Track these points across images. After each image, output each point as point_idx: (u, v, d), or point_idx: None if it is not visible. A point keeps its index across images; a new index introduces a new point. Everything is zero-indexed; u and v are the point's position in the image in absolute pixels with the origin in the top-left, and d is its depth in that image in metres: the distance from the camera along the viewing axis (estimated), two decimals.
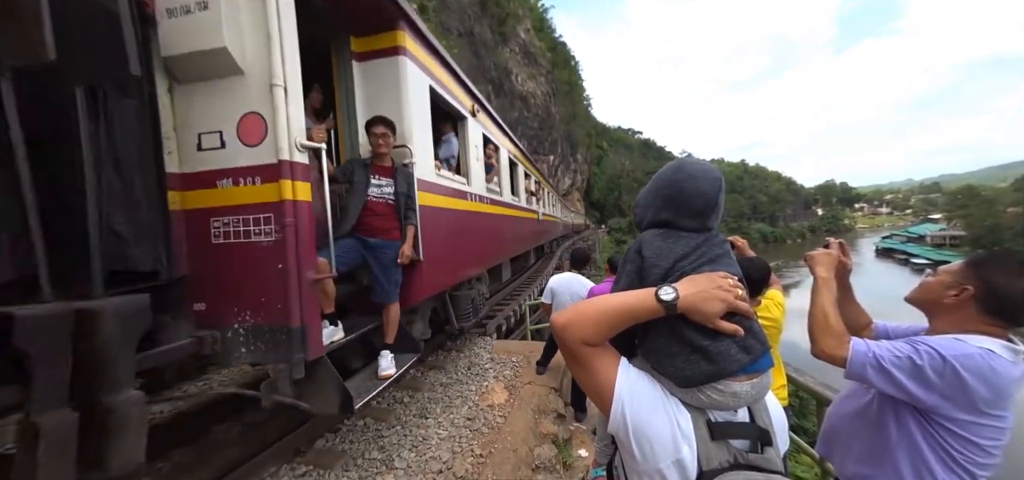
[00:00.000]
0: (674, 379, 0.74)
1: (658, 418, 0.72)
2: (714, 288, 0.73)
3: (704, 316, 0.72)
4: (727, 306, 0.72)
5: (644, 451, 0.72)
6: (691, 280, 0.76)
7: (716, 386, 0.72)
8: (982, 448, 1.07)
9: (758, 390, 0.75)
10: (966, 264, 1.15)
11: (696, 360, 0.72)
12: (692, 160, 0.88)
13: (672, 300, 0.72)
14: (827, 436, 1.48)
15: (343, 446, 2.86)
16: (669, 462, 0.70)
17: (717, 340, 0.72)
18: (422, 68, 3.21)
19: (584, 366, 0.79)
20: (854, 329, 1.43)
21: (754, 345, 0.74)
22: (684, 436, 0.71)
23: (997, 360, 1.02)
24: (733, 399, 0.72)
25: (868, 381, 1.18)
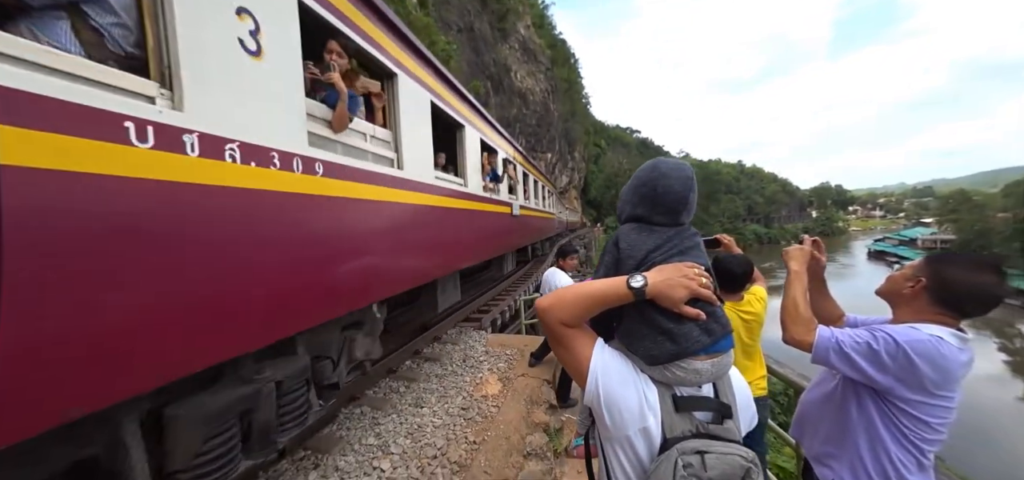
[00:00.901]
0: (643, 358, 0.83)
1: (628, 391, 0.81)
2: (680, 277, 0.81)
3: (670, 301, 0.80)
4: (691, 293, 0.80)
5: (614, 419, 0.80)
6: (659, 269, 0.84)
7: (680, 364, 0.80)
8: (930, 426, 1.17)
9: (718, 368, 0.83)
10: (924, 260, 1.26)
11: (662, 341, 0.80)
12: (666, 160, 0.96)
13: (641, 287, 0.80)
14: (798, 420, 1.58)
15: (341, 432, 2.95)
16: (636, 430, 0.79)
17: (681, 323, 0.80)
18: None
19: (564, 345, 0.88)
20: (828, 321, 1.54)
21: (715, 328, 0.82)
22: (650, 408, 0.79)
23: (945, 346, 1.12)
24: (695, 376, 0.80)
25: (831, 364, 1.28)
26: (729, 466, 0.72)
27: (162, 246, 1.36)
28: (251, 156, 1.70)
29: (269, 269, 1.80)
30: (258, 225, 1.74)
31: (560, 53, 36.71)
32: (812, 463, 1.46)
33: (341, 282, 2.31)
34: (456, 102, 4.43)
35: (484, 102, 16.14)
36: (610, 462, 0.84)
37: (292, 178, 1.93)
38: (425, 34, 11.68)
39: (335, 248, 2.27)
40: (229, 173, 1.60)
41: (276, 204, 1.83)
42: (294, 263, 1.94)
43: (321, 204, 2.14)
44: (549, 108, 30.54)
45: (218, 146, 1.55)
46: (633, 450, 0.80)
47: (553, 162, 31.96)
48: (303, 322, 2.02)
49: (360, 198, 2.49)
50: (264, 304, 1.77)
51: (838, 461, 1.35)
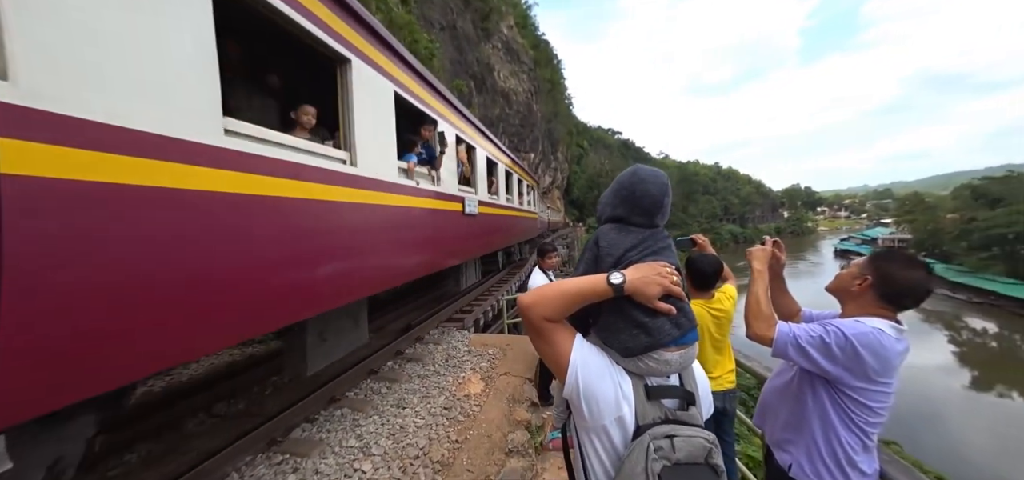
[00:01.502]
0: (619, 350, 0.89)
1: (605, 383, 0.86)
2: (654, 275, 0.88)
3: (645, 297, 0.87)
4: (664, 289, 0.87)
5: (592, 410, 0.86)
6: (636, 268, 0.90)
7: (652, 355, 0.87)
8: (873, 410, 1.29)
9: (685, 359, 0.91)
10: (867, 258, 1.38)
11: (637, 334, 0.87)
12: (645, 167, 1.03)
13: (620, 283, 0.87)
14: (761, 409, 1.69)
15: (321, 435, 2.92)
16: (612, 419, 0.85)
17: (654, 317, 0.87)
18: None
19: (545, 339, 0.92)
20: (786, 316, 1.65)
21: (684, 322, 0.90)
22: (625, 397, 0.85)
23: (885, 337, 1.24)
24: (665, 366, 0.88)
25: (789, 357, 1.39)
26: (694, 447, 0.79)
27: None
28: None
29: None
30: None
31: (543, 54, 36.91)
32: (772, 448, 1.56)
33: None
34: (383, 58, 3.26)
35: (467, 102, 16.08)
36: (586, 451, 0.89)
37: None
38: (407, 32, 11.55)
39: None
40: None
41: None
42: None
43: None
44: (532, 108, 30.68)
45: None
46: (609, 438, 0.85)
47: (536, 162, 32.14)
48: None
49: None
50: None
51: (795, 446, 1.45)
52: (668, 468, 0.76)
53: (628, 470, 0.79)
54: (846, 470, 1.33)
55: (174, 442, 2.85)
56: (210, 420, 3.17)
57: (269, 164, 2.19)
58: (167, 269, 1.65)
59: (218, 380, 3.82)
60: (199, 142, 1.79)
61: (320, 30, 2.52)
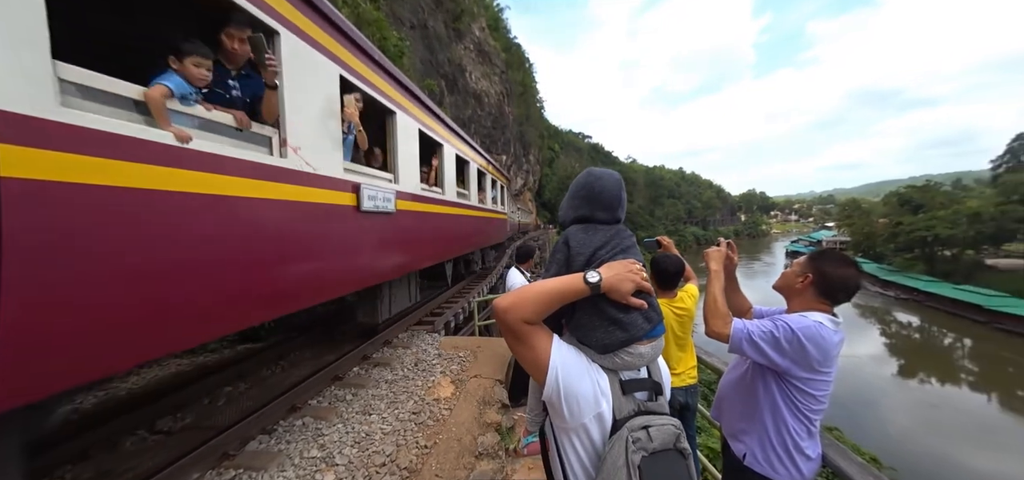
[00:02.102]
0: (596, 347, 0.91)
1: (584, 382, 0.88)
2: (627, 272, 0.91)
3: (620, 294, 0.90)
4: (636, 286, 0.91)
5: (572, 410, 0.87)
6: (609, 266, 0.93)
7: (627, 350, 0.90)
8: (816, 398, 1.40)
9: (656, 351, 0.96)
10: (807, 258, 1.49)
11: (613, 330, 0.90)
12: (598, 168, 1.09)
13: (597, 282, 0.89)
14: (717, 402, 1.78)
15: (279, 447, 2.76)
16: (592, 416, 0.87)
17: (628, 313, 0.91)
18: None
19: (524, 342, 0.92)
20: (739, 312, 1.75)
21: (653, 316, 0.95)
22: (603, 394, 0.88)
23: (825, 330, 1.35)
24: (639, 359, 0.92)
25: (744, 352, 1.47)
26: (666, 434, 0.84)
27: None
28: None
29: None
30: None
31: (515, 57, 37.16)
32: (728, 439, 1.65)
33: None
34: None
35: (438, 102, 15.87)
36: (565, 452, 0.90)
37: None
38: (376, 28, 11.23)
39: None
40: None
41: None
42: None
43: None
44: (504, 111, 30.78)
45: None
46: (588, 436, 0.87)
47: (508, 164, 32.25)
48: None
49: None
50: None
51: (749, 435, 1.55)
52: (646, 457, 0.80)
53: (610, 464, 0.81)
54: (794, 456, 1.43)
55: (106, 463, 2.59)
56: (152, 438, 2.91)
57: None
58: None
59: (163, 393, 3.52)
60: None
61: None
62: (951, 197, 44.85)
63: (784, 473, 1.43)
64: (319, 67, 2.99)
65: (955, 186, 55.44)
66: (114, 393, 3.67)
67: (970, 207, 39.35)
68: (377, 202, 3.75)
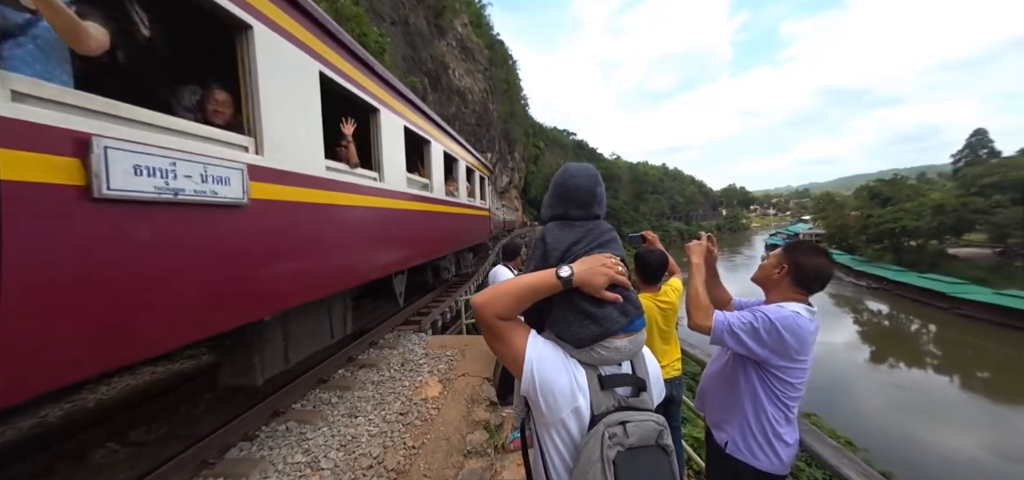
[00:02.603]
0: (571, 341, 0.91)
1: (560, 376, 0.88)
2: (599, 266, 0.91)
3: (593, 288, 0.90)
4: (609, 279, 0.91)
5: (549, 404, 0.87)
6: (583, 260, 0.93)
7: (603, 344, 0.90)
8: (794, 386, 1.44)
9: (634, 345, 0.95)
10: (782, 250, 1.54)
11: (587, 324, 0.90)
12: (575, 164, 1.08)
13: (568, 276, 0.89)
14: (700, 394, 1.82)
15: (262, 453, 2.69)
16: (569, 411, 0.87)
17: (603, 307, 0.91)
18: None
19: (500, 338, 0.93)
20: (719, 304, 1.79)
21: (631, 310, 0.94)
22: (580, 389, 0.88)
23: (801, 319, 1.39)
24: (616, 353, 0.91)
25: (725, 344, 1.51)
26: (645, 431, 0.83)
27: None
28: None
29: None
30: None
31: (498, 54, 37.01)
32: (711, 429, 1.70)
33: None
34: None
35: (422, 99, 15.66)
36: (545, 447, 0.91)
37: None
38: (355, 24, 11.00)
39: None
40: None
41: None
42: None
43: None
44: (488, 108, 30.65)
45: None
46: (566, 431, 0.87)
47: (494, 162, 32.17)
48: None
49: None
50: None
51: (730, 424, 1.59)
52: (622, 453, 0.79)
53: (585, 459, 0.81)
54: (773, 442, 1.48)
55: (74, 478, 2.47)
56: (124, 450, 2.78)
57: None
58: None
59: (136, 404, 3.38)
60: None
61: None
62: (916, 190, 47.12)
63: (764, 459, 1.48)
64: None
65: (920, 179, 58.28)
66: (81, 404, 3.50)
67: (933, 199, 41.44)
68: (229, 192, 2.11)
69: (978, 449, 14.60)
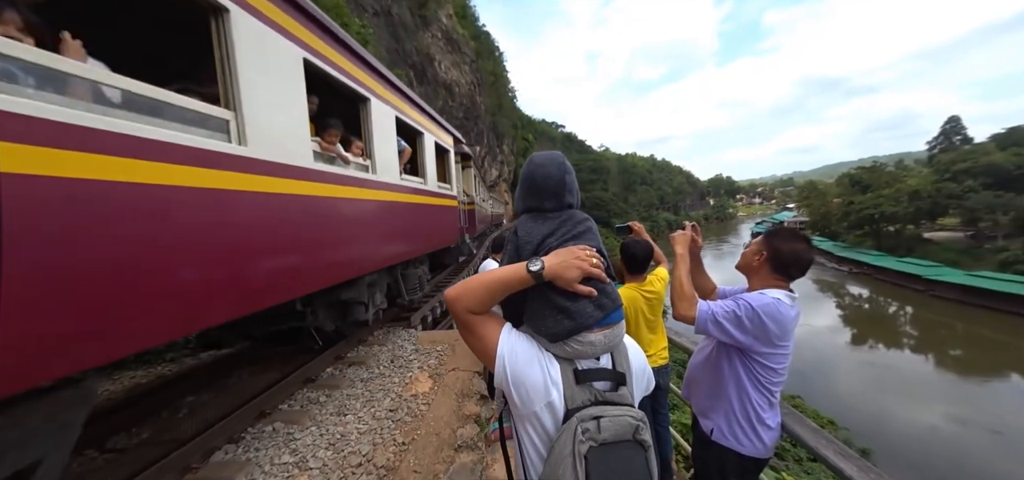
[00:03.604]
0: (545, 336, 0.89)
1: (533, 370, 0.87)
2: (573, 259, 0.88)
3: (565, 281, 0.87)
4: (583, 273, 0.88)
5: (522, 397, 0.86)
6: (555, 253, 0.91)
7: (577, 338, 0.88)
8: (776, 372, 1.47)
9: (610, 340, 0.92)
10: (762, 237, 1.56)
11: (560, 318, 0.88)
12: (540, 153, 1.05)
13: (539, 270, 0.87)
14: (686, 382, 1.84)
15: (248, 455, 2.64)
16: (542, 405, 0.85)
17: (576, 301, 0.88)
18: None
19: (472, 332, 0.91)
20: (704, 293, 1.81)
21: (606, 303, 0.91)
22: (553, 383, 0.86)
23: (782, 306, 1.41)
24: (590, 348, 0.89)
25: (709, 333, 1.52)
26: (620, 426, 0.81)
27: None
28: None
29: None
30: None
31: (485, 45, 36.63)
32: (697, 417, 1.72)
33: None
34: None
35: None
36: (522, 439, 0.90)
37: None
38: (335, 14, 10.72)
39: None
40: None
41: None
42: None
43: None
44: (476, 101, 30.40)
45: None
46: (541, 424, 0.86)
47: (482, 156, 31.97)
48: None
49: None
50: None
51: (715, 412, 1.61)
52: (594, 448, 0.78)
53: (557, 453, 0.80)
54: (756, 427, 1.51)
55: None
56: (102, 457, 2.71)
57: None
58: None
59: (116, 409, 3.28)
60: None
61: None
62: (894, 176, 48.55)
63: (748, 444, 1.51)
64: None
65: (898, 166, 60.00)
66: None
67: (910, 185, 42.78)
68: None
69: (942, 419, 15.43)
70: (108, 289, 1.66)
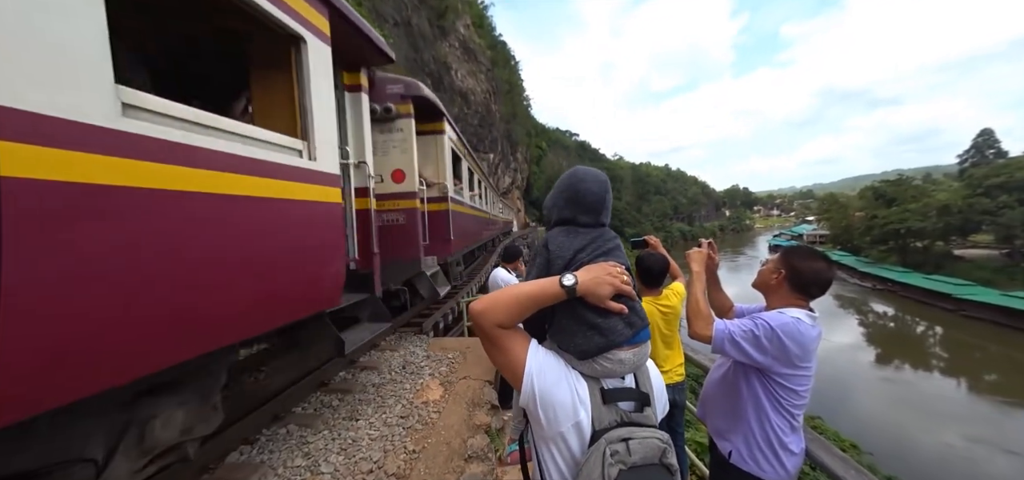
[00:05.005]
0: (574, 353, 0.88)
1: (561, 389, 0.85)
2: (605, 275, 0.88)
3: (597, 298, 0.86)
4: (615, 289, 0.87)
5: (549, 417, 0.84)
6: (587, 269, 0.90)
7: (607, 356, 0.87)
8: (798, 394, 1.42)
9: (639, 358, 0.92)
10: (780, 254, 1.51)
11: (591, 335, 0.87)
12: (585, 167, 1.05)
13: (572, 285, 0.86)
14: (702, 401, 1.79)
15: (261, 457, 2.68)
16: (569, 425, 0.84)
17: (607, 318, 0.87)
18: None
19: (499, 347, 0.89)
20: (721, 311, 1.77)
21: (636, 321, 0.91)
22: (582, 402, 0.84)
23: (802, 326, 1.37)
24: (620, 366, 0.88)
25: (727, 352, 1.48)
26: (649, 449, 0.80)
27: None
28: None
29: None
30: None
31: (501, 54, 37.05)
32: (714, 437, 1.67)
33: None
34: None
35: None
36: (544, 461, 0.88)
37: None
38: None
39: None
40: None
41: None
42: None
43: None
44: (491, 109, 30.70)
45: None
46: (566, 446, 0.84)
47: (496, 163, 32.19)
48: None
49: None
50: None
51: (734, 433, 1.56)
52: (624, 472, 0.76)
53: (585, 476, 0.78)
54: (778, 452, 1.45)
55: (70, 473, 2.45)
56: None
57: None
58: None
59: None
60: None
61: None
62: (922, 190, 46.72)
63: (769, 470, 1.45)
64: None
65: (925, 180, 57.76)
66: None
67: (939, 200, 41.06)
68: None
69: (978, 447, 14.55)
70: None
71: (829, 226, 59.69)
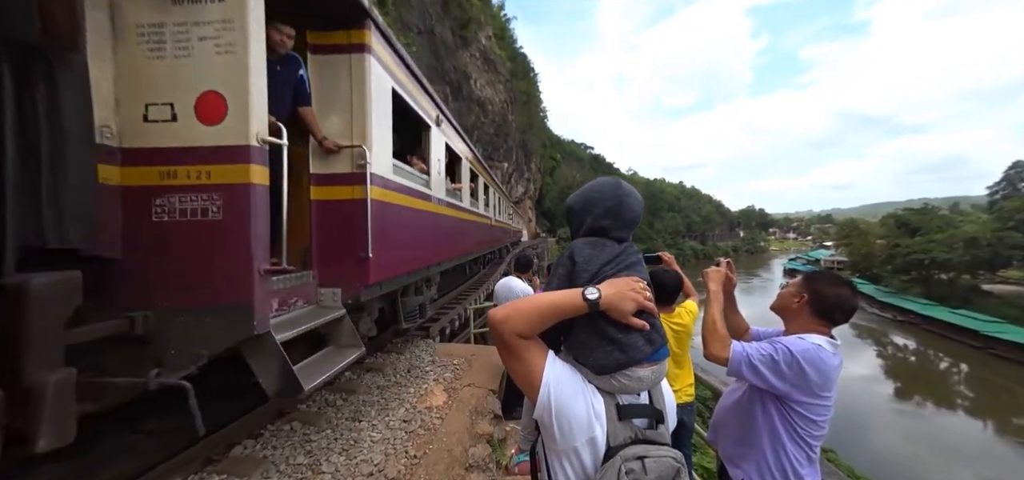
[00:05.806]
0: (593, 368, 0.86)
1: (577, 403, 0.83)
2: (628, 290, 0.86)
3: (620, 313, 0.85)
4: (638, 305, 0.86)
5: (564, 431, 0.82)
6: (610, 282, 0.88)
7: (626, 372, 0.85)
8: (817, 424, 1.36)
9: (657, 375, 0.90)
10: (802, 278, 1.46)
11: (611, 350, 0.85)
12: (625, 183, 1.03)
13: (596, 299, 0.84)
14: (714, 425, 1.74)
15: (265, 452, 2.70)
16: (584, 440, 0.82)
17: (628, 333, 0.86)
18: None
19: (517, 356, 0.88)
20: (736, 333, 1.72)
21: (656, 338, 0.89)
22: (597, 417, 0.83)
23: (824, 353, 1.31)
24: (638, 383, 0.86)
25: (743, 376, 1.43)
26: (664, 468, 0.78)
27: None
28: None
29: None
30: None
31: (520, 66, 37.46)
32: (725, 463, 1.61)
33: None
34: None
35: None
36: (555, 474, 0.86)
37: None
38: None
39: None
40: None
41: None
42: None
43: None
44: (507, 119, 30.97)
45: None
46: (579, 461, 0.82)
47: (510, 172, 32.36)
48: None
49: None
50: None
51: (746, 461, 1.50)
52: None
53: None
54: None
55: (86, 468, 2.50)
56: (132, 437, 2.84)
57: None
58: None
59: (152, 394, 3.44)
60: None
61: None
62: (948, 221, 45.06)
63: None
64: None
65: (952, 210, 55.70)
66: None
67: (967, 232, 39.49)
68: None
69: None
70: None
71: (848, 253, 57.92)
